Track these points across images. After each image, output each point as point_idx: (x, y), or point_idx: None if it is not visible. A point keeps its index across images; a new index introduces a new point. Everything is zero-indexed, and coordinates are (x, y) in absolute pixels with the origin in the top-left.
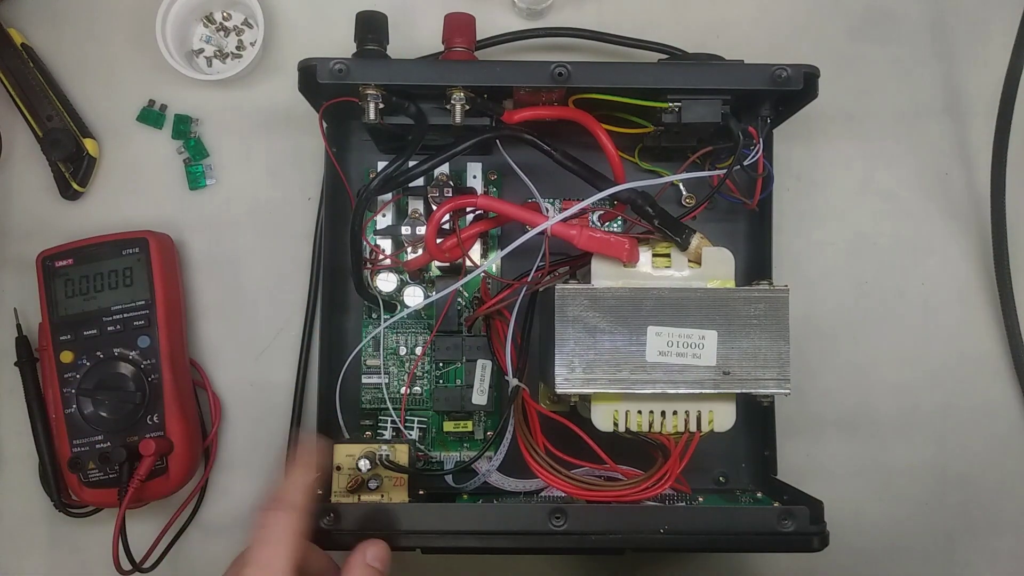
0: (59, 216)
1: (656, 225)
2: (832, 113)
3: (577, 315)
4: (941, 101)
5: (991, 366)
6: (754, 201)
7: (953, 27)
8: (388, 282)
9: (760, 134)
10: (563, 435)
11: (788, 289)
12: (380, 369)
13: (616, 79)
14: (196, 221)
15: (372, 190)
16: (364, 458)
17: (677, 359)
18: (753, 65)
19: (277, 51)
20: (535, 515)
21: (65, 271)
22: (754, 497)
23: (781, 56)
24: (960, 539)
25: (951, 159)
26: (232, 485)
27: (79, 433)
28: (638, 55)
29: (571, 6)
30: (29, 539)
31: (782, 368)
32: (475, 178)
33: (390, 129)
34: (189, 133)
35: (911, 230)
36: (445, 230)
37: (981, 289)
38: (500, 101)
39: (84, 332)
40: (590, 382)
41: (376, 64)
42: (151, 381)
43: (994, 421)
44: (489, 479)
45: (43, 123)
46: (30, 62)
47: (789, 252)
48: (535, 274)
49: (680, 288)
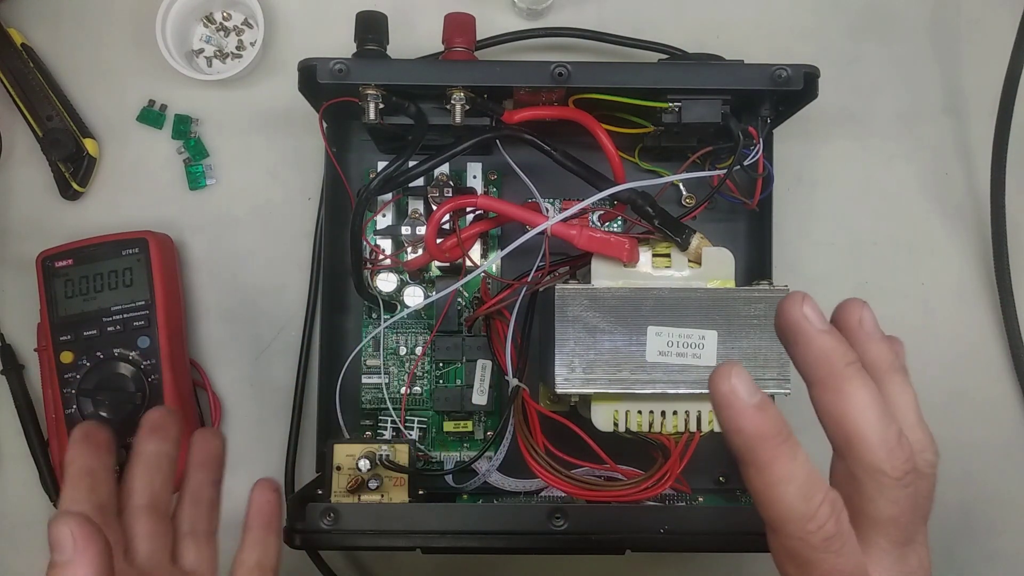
0: (59, 216)
1: (656, 225)
2: (832, 113)
3: (577, 315)
4: (941, 101)
5: (991, 366)
6: (754, 201)
7: (953, 27)
8: (388, 282)
9: (760, 134)
10: (563, 435)
11: (788, 289)
12: (380, 369)
13: (616, 79)
14: (196, 221)
15: (372, 190)
16: (364, 458)
17: (677, 359)
18: (753, 65)
19: (277, 51)
20: (535, 515)
21: (65, 271)
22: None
23: (781, 56)
24: (960, 539)
25: (951, 159)
26: (232, 485)
27: None
28: (638, 55)
29: (571, 6)
30: (29, 539)
31: (782, 368)
32: (475, 178)
33: (390, 129)
34: (189, 133)
35: (911, 230)
36: (445, 230)
37: (981, 289)
38: (500, 101)
39: (84, 332)
40: (590, 382)
41: (376, 64)
42: (151, 381)
43: (994, 421)
44: (489, 479)
45: (43, 123)
46: (30, 62)
47: (789, 252)
48: (535, 274)
49: (680, 288)
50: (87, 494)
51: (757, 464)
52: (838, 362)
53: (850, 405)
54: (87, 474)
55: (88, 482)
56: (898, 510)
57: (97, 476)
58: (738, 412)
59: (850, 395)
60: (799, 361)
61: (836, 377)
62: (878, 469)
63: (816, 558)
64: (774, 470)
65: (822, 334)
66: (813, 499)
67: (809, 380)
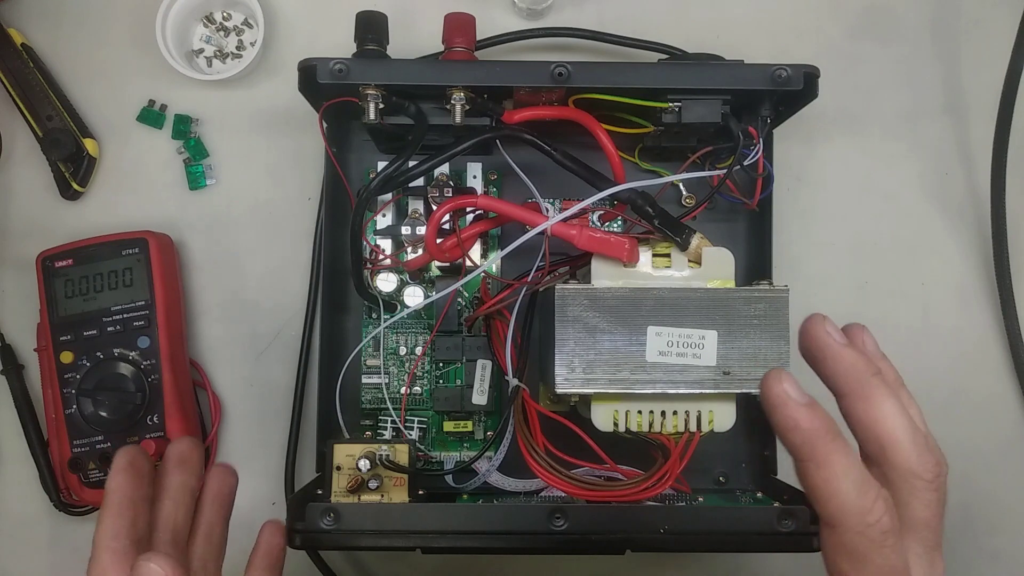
0: (59, 216)
1: (656, 225)
2: (832, 113)
3: (577, 315)
4: (941, 101)
5: (991, 366)
6: (754, 201)
7: (953, 27)
8: (388, 282)
9: (760, 134)
10: (563, 435)
11: (788, 289)
12: (380, 369)
13: (616, 79)
14: (196, 221)
15: (372, 190)
16: (364, 458)
17: (677, 359)
18: (753, 65)
19: (277, 51)
20: (535, 515)
21: (65, 271)
22: (754, 497)
23: (781, 56)
24: (960, 539)
25: (951, 159)
26: None
27: (79, 433)
28: (638, 55)
29: (571, 6)
30: (29, 539)
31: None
32: (475, 178)
33: (390, 129)
34: (189, 133)
35: (911, 230)
36: (445, 230)
37: (981, 289)
38: (500, 101)
39: (84, 332)
40: (590, 382)
41: (376, 64)
42: (151, 381)
43: (994, 421)
44: (489, 479)
45: (43, 123)
46: (30, 62)
47: (789, 252)
48: (535, 274)
49: (680, 288)
50: (129, 528)
51: (816, 459)
52: (865, 373)
53: (881, 412)
54: (130, 506)
55: (131, 515)
56: (930, 513)
57: (139, 508)
58: (794, 410)
59: (880, 403)
60: (828, 375)
61: (866, 386)
62: (912, 472)
63: (872, 552)
64: (833, 464)
65: (847, 349)
66: (869, 493)
67: (840, 392)
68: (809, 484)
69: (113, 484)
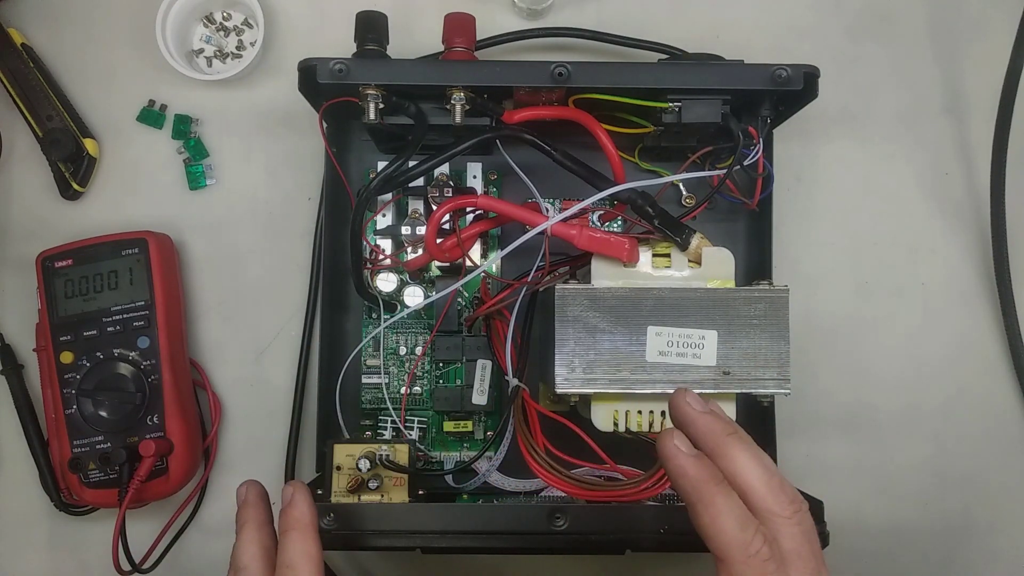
0: (59, 216)
1: (656, 225)
2: (832, 113)
3: (577, 315)
4: (941, 101)
5: (991, 366)
6: (754, 201)
7: (953, 27)
8: (388, 282)
9: (760, 134)
10: (563, 435)
11: (788, 289)
12: (380, 369)
13: (616, 79)
14: (196, 221)
15: (372, 190)
16: (364, 458)
17: (677, 359)
18: (753, 65)
19: (277, 51)
20: (535, 515)
21: (65, 271)
22: None
23: (781, 56)
24: (960, 539)
25: (951, 159)
26: (232, 485)
27: (79, 434)
28: (638, 55)
29: (571, 6)
30: (29, 539)
31: (782, 368)
32: (475, 178)
33: (390, 129)
34: (189, 133)
35: (911, 230)
36: (445, 230)
37: (981, 289)
38: (500, 101)
39: (84, 332)
40: (590, 382)
41: (376, 64)
42: (151, 382)
43: (994, 421)
44: (489, 479)
45: (43, 123)
46: (30, 62)
47: (789, 252)
48: (535, 274)
49: (680, 288)
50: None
51: (704, 501)
52: (720, 434)
53: (737, 464)
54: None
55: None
56: (796, 544)
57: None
58: (683, 462)
59: (735, 456)
60: (693, 438)
61: (722, 444)
62: (771, 511)
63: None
64: (717, 504)
65: (703, 415)
66: (749, 528)
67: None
68: (699, 524)
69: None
